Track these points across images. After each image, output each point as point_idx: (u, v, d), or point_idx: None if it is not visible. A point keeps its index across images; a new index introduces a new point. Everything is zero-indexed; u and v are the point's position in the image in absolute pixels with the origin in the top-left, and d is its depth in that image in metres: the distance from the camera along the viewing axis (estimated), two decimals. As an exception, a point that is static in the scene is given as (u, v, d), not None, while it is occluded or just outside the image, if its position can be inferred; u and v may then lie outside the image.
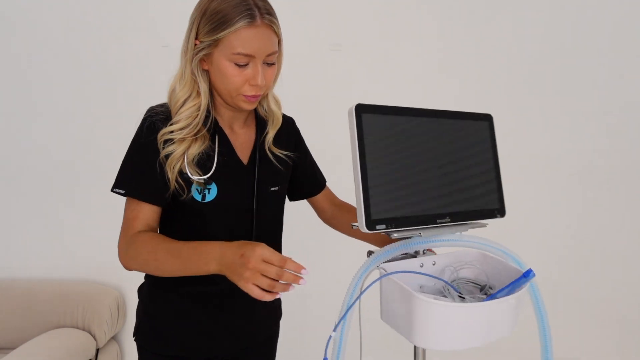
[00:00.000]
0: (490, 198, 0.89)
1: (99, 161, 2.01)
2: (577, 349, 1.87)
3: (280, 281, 0.73)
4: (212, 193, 0.94)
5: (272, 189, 1.03)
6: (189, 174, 0.91)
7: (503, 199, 0.90)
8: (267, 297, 0.73)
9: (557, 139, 1.81)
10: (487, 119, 0.91)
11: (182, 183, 0.91)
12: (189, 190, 0.92)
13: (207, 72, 0.93)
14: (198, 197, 0.93)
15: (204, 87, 0.92)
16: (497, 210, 0.89)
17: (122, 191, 0.91)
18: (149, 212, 0.92)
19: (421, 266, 0.82)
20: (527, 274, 0.74)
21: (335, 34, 1.89)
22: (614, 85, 1.79)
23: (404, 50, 1.87)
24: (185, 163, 0.91)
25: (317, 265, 1.99)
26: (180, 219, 0.97)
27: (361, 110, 0.78)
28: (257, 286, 0.72)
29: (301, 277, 0.74)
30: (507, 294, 0.73)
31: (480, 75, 1.84)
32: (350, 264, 1.92)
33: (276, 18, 0.90)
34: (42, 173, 2.04)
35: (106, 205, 2.04)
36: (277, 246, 1.10)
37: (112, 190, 0.94)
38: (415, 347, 0.83)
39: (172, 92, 0.95)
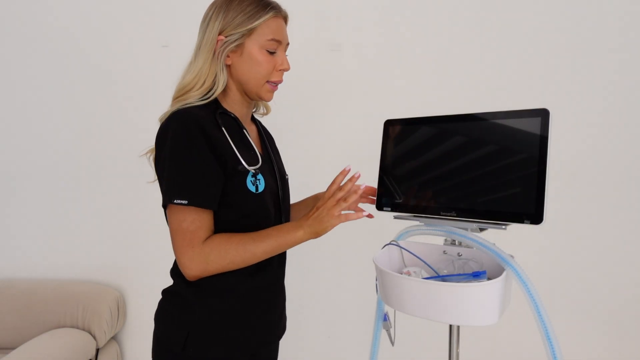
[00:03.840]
0: (522, 201, 0.83)
1: (99, 161, 2.01)
2: (576, 350, 1.88)
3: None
4: (262, 184, 0.99)
5: (286, 176, 1.15)
6: (246, 166, 0.95)
7: (542, 204, 0.81)
8: (358, 215, 0.92)
9: (558, 139, 1.81)
10: (539, 114, 0.84)
11: (232, 178, 0.95)
12: (242, 184, 0.95)
13: (227, 68, 1.00)
14: (252, 189, 0.96)
15: (222, 79, 0.99)
16: (528, 215, 0.82)
17: (185, 202, 0.88)
18: (210, 219, 0.93)
19: (444, 252, 0.98)
20: (477, 274, 0.87)
21: (335, 35, 1.89)
22: (615, 84, 1.79)
23: (404, 51, 1.87)
24: (238, 155, 0.95)
25: (316, 265, 1.99)
26: (223, 214, 0.96)
27: (388, 123, 1.08)
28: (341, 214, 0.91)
29: (356, 178, 0.93)
30: (455, 282, 0.86)
31: (482, 75, 1.84)
32: (348, 264, 1.92)
33: None
34: (42, 173, 2.04)
35: (107, 205, 2.05)
36: None
37: (171, 203, 0.89)
38: (450, 338, 0.99)
39: (184, 83, 0.99)
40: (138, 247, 2.03)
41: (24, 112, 2.03)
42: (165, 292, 1.05)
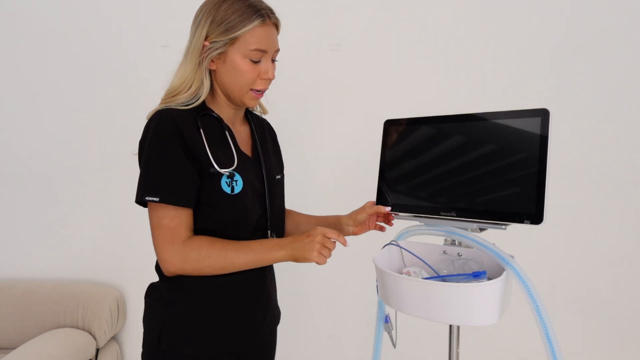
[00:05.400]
0: (522, 201, 0.83)
1: (99, 161, 2.01)
2: (576, 350, 1.87)
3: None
4: (239, 185, 0.99)
5: (277, 177, 1.13)
6: (217, 168, 0.96)
7: (542, 205, 0.81)
8: (324, 262, 0.94)
9: (559, 139, 1.81)
10: (539, 114, 0.83)
11: (207, 179, 0.96)
12: (217, 185, 0.96)
13: (211, 72, 1.01)
14: (227, 190, 0.97)
15: (207, 85, 0.99)
16: (529, 215, 0.82)
17: (156, 199, 0.91)
18: (189, 217, 0.95)
19: (444, 252, 0.99)
20: (477, 274, 0.88)
21: (336, 34, 1.89)
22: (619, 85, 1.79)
23: (405, 51, 1.87)
24: (210, 157, 0.95)
25: (315, 265, 1.99)
26: (201, 214, 0.97)
27: (388, 123, 1.09)
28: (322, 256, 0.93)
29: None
30: (455, 282, 0.87)
31: (482, 75, 1.84)
32: (348, 264, 1.92)
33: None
34: (42, 173, 2.04)
35: (107, 205, 2.05)
36: (282, 233, 1.17)
37: (143, 199, 0.92)
38: (450, 336, 0.99)
39: (173, 87, 1.00)
40: (138, 247, 2.03)
41: (23, 112, 2.03)
42: (148, 286, 1.09)
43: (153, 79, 1.98)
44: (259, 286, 1.08)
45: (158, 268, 1.05)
